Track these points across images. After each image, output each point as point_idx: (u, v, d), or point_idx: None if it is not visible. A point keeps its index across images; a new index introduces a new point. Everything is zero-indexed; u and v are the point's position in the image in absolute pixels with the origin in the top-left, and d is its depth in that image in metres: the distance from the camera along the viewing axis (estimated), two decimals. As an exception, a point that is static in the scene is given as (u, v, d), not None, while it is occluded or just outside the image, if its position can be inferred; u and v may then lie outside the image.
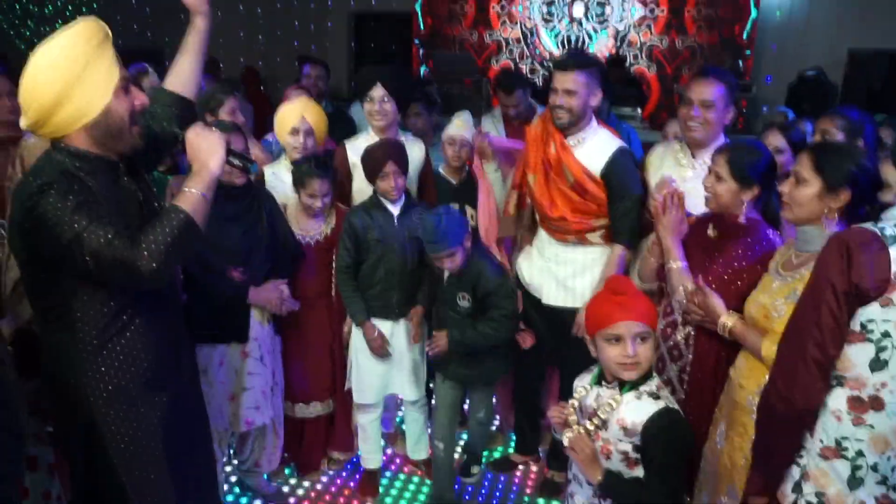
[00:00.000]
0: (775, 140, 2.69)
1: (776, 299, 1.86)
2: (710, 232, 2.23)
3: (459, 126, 3.12)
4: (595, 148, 2.63)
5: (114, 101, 1.59)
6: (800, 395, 1.52)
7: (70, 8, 9.77)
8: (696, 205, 2.31)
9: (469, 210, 3.18)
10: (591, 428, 1.82)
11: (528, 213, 2.93)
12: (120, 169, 1.72)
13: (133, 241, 1.50)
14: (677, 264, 2.18)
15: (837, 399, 1.54)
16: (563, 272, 2.76)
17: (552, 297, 2.80)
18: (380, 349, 2.82)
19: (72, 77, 1.52)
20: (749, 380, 1.91)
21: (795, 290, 1.81)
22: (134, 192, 1.75)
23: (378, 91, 2.88)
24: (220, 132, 1.74)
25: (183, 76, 1.92)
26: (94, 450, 1.73)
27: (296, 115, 2.95)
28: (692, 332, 2.17)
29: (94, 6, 9.75)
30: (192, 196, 1.58)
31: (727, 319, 1.98)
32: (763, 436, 1.68)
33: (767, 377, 1.65)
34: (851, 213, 1.78)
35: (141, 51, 8.40)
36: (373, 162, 2.71)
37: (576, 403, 1.92)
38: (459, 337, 2.65)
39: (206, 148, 1.65)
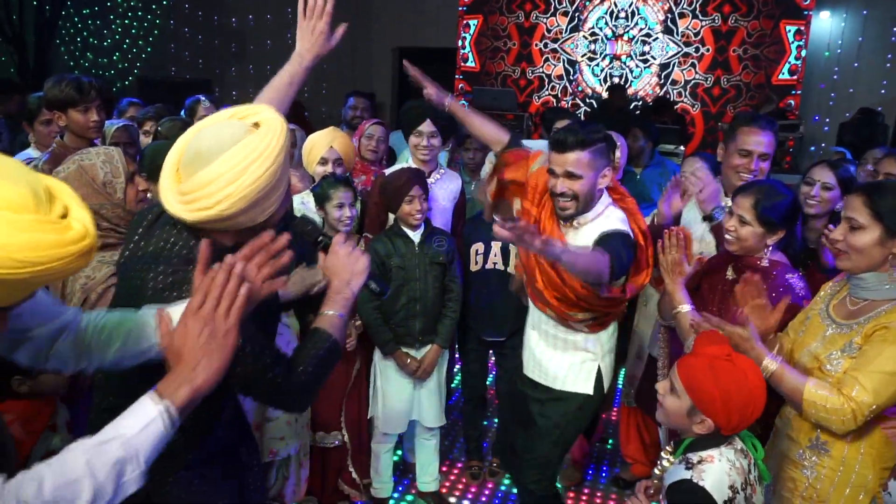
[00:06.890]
0: (823, 176, 2.59)
1: (831, 351, 1.73)
2: (729, 274, 2.14)
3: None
4: (593, 230, 2.13)
5: None
6: None
7: (127, 41, 10.15)
8: None
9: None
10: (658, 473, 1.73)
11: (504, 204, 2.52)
12: None
13: (288, 366, 1.38)
14: (685, 308, 2.02)
15: None
16: (539, 348, 2.41)
17: (529, 368, 2.49)
18: (416, 371, 2.82)
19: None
20: (800, 433, 1.79)
21: (852, 341, 1.69)
22: None
23: (428, 126, 2.96)
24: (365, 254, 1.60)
25: (285, 106, 1.73)
26: None
27: (324, 145, 2.98)
28: None
29: (150, 38, 10.12)
30: (337, 320, 1.48)
31: (770, 364, 1.72)
32: None
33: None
34: None
35: (194, 81, 8.78)
36: (396, 188, 2.72)
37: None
38: None
39: (354, 269, 1.54)
